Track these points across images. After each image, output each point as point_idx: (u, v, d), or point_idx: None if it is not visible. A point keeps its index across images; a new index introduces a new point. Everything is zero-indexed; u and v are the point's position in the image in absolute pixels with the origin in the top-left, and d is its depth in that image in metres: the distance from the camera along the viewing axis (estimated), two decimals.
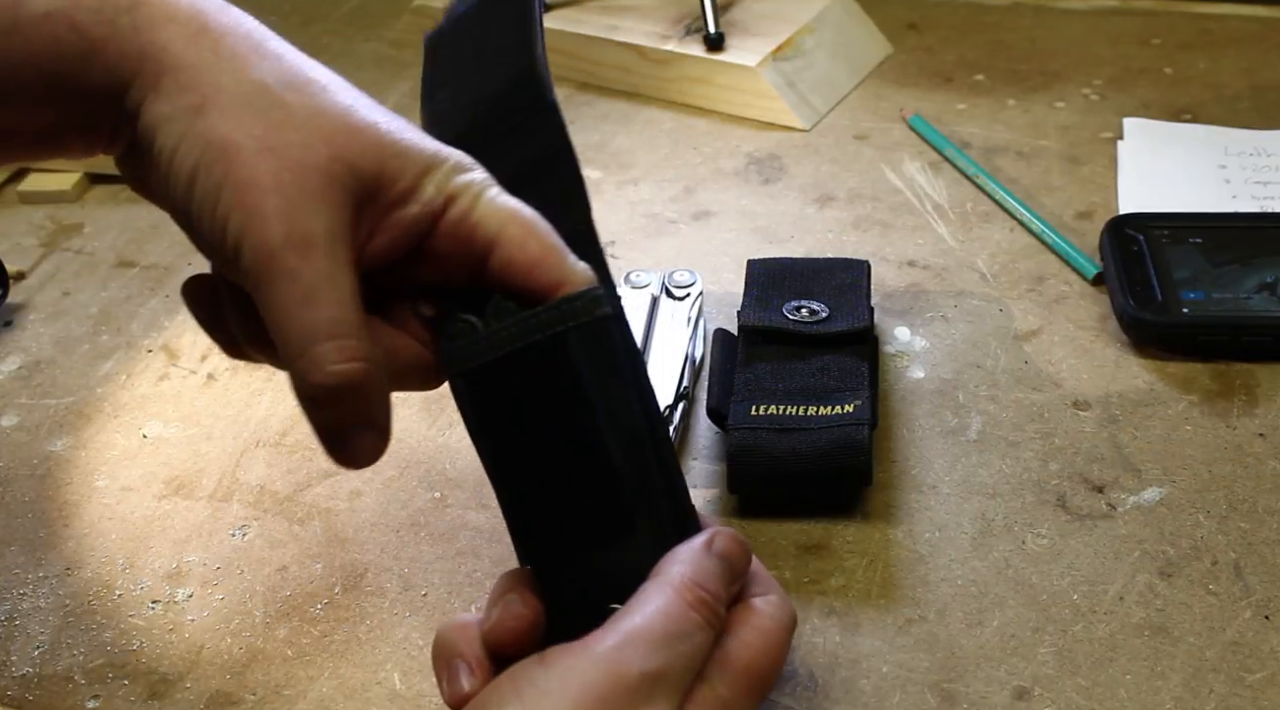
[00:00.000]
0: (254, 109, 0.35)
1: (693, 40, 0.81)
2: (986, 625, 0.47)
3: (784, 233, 0.69)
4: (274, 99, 0.36)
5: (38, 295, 0.68)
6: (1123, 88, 0.79)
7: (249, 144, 0.35)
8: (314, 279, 0.34)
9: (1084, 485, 0.52)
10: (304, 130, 0.36)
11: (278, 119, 0.35)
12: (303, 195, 0.35)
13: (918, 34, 0.88)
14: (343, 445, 0.38)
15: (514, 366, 0.38)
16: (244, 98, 0.35)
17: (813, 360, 0.54)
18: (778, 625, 0.39)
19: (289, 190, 0.35)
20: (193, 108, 0.35)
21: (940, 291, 0.63)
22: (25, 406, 0.61)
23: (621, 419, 0.38)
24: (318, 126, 0.36)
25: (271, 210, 0.34)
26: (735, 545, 0.39)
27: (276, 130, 0.35)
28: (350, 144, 0.36)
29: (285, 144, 0.35)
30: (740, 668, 0.37)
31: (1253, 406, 0.55)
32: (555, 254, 0.38)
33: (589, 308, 0.38)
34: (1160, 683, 0.44)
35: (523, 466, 0.39)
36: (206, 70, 0.36)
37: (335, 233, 0.35)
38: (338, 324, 0.35)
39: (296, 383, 0.36)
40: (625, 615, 0.36)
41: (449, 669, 0.38)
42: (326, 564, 0.51)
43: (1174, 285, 0.59)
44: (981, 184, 0.71)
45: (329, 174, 0.35)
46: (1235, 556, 0.49)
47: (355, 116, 0.37)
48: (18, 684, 0.47)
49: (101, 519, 0.54)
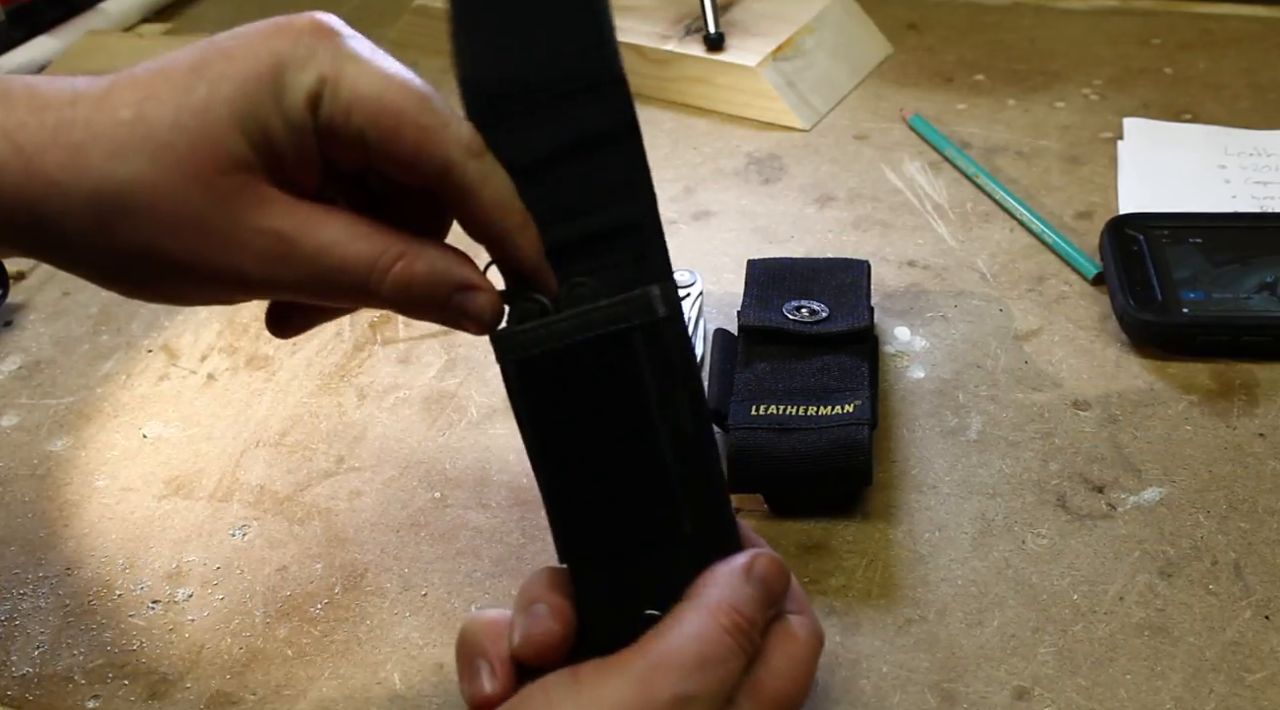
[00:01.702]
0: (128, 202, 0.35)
1: (693, 40, 0.81)
2: (986, 625, 0.47)
3: (784, 233, 0.69)
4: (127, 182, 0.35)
5: (38, 295, 0.68)
6: (1123, 88, 0.79)
7: (159, 236, 0.35)
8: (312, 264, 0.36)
9: (1084, 485, 0.52)
10: (171, 185, 0.35)
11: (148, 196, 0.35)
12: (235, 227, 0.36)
13: (918, 34, 0.88)
14: (461, 315, 0.38)
15: (572, 358, 0.37)
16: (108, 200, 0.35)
17: (813, 360, 0.54)
18: (809, 650, 0.39)
19: (223, 235, 0.36)
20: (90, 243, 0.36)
21: (940, 291, 0.63)
22: (25, 406, 0.61)
23: (675, 420, 0.37)
24: (177, 172, 0.35)
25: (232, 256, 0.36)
26: (775, 569, 0.38)
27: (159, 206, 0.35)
28: (208, 154, 0.35)
29: (177, 212, 0.35)
30: (770, 696, 0.37)
31: (1253, 406, 0.55)
32: (432, 141, 0.36)
33: (653, 306, 0.37)
34: (1160, 683, 0.44)
35: (572, 459, 0.38)
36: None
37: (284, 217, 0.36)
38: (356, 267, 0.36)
39: (387, 309, 0.38)
40: (659, 636, 0.36)
41: (471, 668, 0.38)
42: (326, 564, 0.51)
43: (1174, 285, 0.59)
44: (981, 184, 0.71)
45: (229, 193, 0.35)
46: (1235, 556, 0.49)
47: (187, 121, 0.35)
48: (18, 684, 0.47)
49: (101, 519, 0.54)
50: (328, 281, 0.37)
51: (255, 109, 0.35)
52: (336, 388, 0.60)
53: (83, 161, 0.35)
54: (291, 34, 0.36)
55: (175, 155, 0.35)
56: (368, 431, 0.58)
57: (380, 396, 0.60)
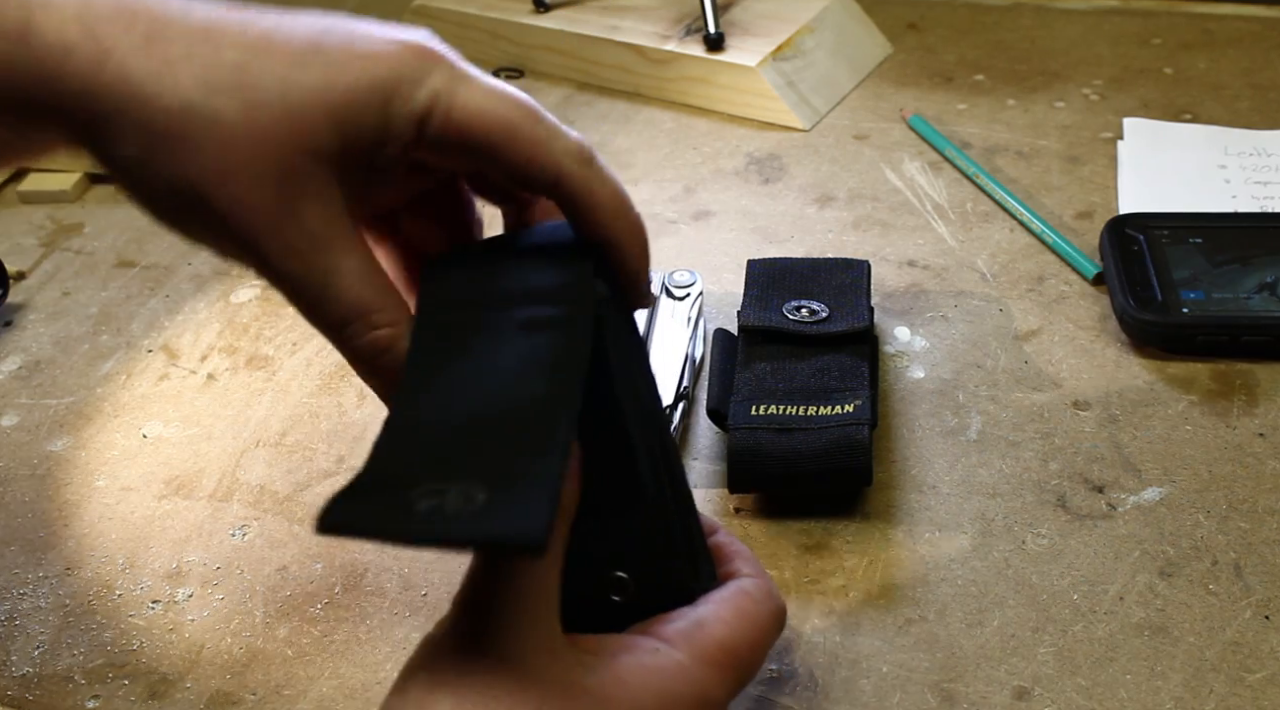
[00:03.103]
0: (200, 136, 0.35)
1: (693, 40, 0.81)
2: (986, 625, 0.47)
3: (784, 233, 0.69)
4: (211, 116, 0.35)
5: (38, 295, 0.68)
6: (1123, 88, 0.79)
7: (212, 179, 0.35)
8: (320, 279, 0.36)
9: (1084, 485, 0.52)
10: (252, 140, 0.35)
11: (224, 138, 0.35)
12: (279, 207, 0.35)
13: (918, 34, 0.88)
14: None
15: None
16: (184, 124, 0.35)
17: (813, 360, 0.54)
18: (766, 612, 0.39)
19: (265, 208, 0.35)
20: (141, 157, 0.35)
21: (940, 291, 0.63)
22: (25, 406, 0.61)
23: (636, 399, 0.39)
24: (262, 131, 0.35)
25: (261, 231, 0.35)
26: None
27: (229, 154, 0.35)
28: (300, 132, 0.35)
29: (241, 168, 0.35)
30: (715, 643, 0.37)
31: (1253, 406, 0.55)
32: (544, 152, 0.37)
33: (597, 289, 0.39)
34: (1160, 683, 0.44)
35: None
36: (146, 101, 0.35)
37: (327, 223, 0.36)
38: (352, 307, 0.37)
39: (345, 356, 0.38)
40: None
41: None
42: (326, 564, 0.51)
43: (1174, 285, 0.59)
44: (981, 184, 0.71)
45: (296, 175, 0.35)
46: (1235, 556, 0.49)
47: (292, 94, 0.35)
48: (18, 684, 0.47)
49: (101, 519, 0.54)
50: (315, 298, 0.37)
51: (359, 114, 0.36)
52: (336, 388, 0.60)
53: (172, 78, 0.34)
54: (410, 51, 0.36)
55: (268, 116, 0.35)
56: (368, 431, 0.58)
57: None
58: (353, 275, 0.37)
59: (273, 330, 0.64)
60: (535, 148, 0.37)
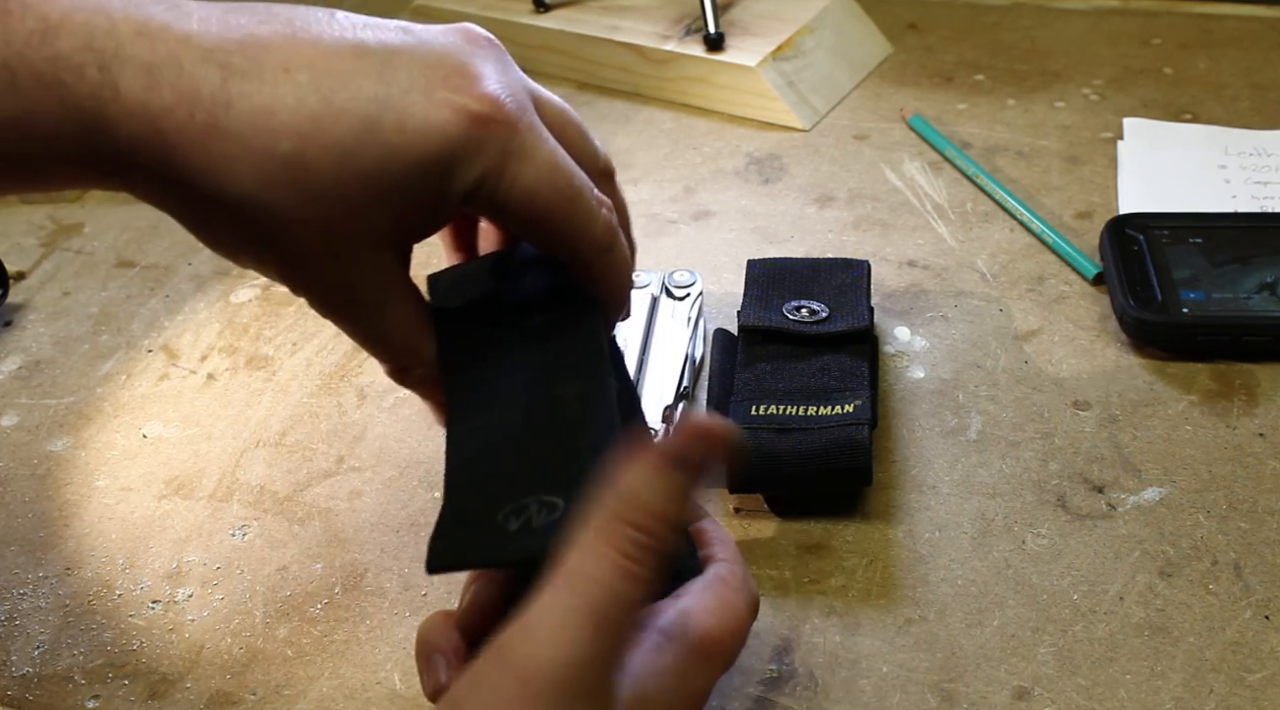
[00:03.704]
0: (258, 221, 0.37)
1: (693, 40, 0.81)
2: (986, 625, 0.47)
3: (784, 233, 0.69)
4: (269, 207, 0.36)
5: (38, 295, 0.68)
6: (1123, 88, 0.79)
7: (268, 258, 0.39)
8: (372, 331, 0.41)
9: (1084, 485, 0.52)
10: (307, 230, 0.37)
11: (280, 228, 0.37)
12: (333, 276, 0.39)
13: (918, 34, 0.88)
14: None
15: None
16: (242, 211, 0.37)
17: (813, 360, 0.54)
18: (743, 600, 0.39)
19: (319, 280, 0.39)
20: (200, 228, 0.38)
21: (940, 291, 0.63)
22: (25, 406, 0.61)
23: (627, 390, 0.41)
24: (318, 223, 0.37)
25: (316, 292, 0.40)
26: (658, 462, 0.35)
27: (286, 241, 0.37)
28: (355, 218, 0.37)
29: (297, 250, 0.38)
30: (700, 633, 0.37)
31: (1253, 406, 0.55)
32: (571, 241, 0.41)
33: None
34: (1160, 683, 0.44)
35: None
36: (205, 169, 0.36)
37: (378, 287, 0.40)
38: (399, 349, 0.42)
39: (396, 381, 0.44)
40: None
41: (429, 663, 0.39)
42: (326, 564, 0.51)
43: (1174, 285, 0.59)
44: (981, 184, 0.71)
45: (351, 253, 0.38)
46: (1235, 556, 0.49)
47: (347, 185, 0.37)
48: (18, 684, 0.47)
49: (101, 519, 0.54)
50: (364, 340, 0.42)
51: (412, 194, 0.38)
52: (336, 388, 0.60)
53: (231, 175, 0.36)
54: (468, 122, 0.37)
55: (323, 208, 0.37)
56: (368, 431, 0.58)
57: (380, 396, 0.60)
58: (400, 326, 0.41)
59: (273, 330, 0.64)
60: (563, 236, 0.40)
